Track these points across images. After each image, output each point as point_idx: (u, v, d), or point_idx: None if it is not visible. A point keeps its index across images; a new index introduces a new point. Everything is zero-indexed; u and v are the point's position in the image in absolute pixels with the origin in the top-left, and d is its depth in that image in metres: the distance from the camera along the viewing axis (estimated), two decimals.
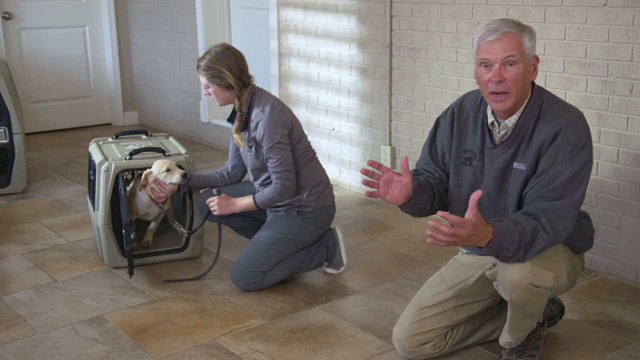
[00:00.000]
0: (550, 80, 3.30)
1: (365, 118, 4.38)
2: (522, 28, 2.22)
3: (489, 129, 2.36)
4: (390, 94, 4.17)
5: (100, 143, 3.60)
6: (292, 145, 3.09)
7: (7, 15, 5.90)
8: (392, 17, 4.05)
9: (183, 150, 3.48)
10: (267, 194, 3.08)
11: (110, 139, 3.69)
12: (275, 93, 4.89)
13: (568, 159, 2.19)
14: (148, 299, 3.06)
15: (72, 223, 4.01)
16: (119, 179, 3.22)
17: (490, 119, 2.35)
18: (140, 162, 3.32)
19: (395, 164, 4.23)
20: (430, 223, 2.04)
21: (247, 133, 3.11)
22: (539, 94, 2.31)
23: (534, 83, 2.32)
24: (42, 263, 3.45)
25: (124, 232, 3.14)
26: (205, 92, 3.12)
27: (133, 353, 2.63)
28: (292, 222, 3.12)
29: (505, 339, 2.39)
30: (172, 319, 2.89)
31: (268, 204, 3.11)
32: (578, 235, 2.38)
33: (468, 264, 2.51)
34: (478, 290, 2.48)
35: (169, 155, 3.37)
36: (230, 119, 3.19)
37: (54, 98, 6.28)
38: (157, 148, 3.41)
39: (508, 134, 2.31)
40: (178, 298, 3.08)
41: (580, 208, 2.28)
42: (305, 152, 3.16)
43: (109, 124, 6.61)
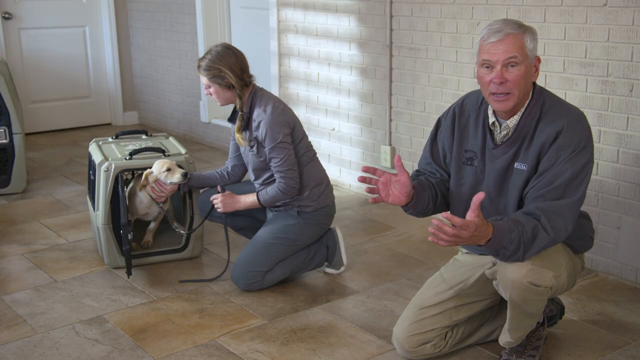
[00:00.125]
0: (550, 80, 3.30)
1: (365, 118, 4.38)
2: (524, 29, 2.22)
3: (490, 129, 2.36)
4: (390, 94, 4.17)
5: (100, 143, 3.60)
6: (293, 145, 3.09)
7: (7, 15, 5.90)
8: (392, 17, 4.05)
9: (183, 150, 3.48)
10: (271, 193, 3.08)
11: (110, 139, 3.69)
12: (275, 93, 4.89)
13: (569, 159, 2.19)
14: (148, 299, 3.06)
15: (72, 223, 4.01)
16: (118, 179, 3.22)
17: (492, 119, 2.35)
18: (140, 162, 3.32)
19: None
20: (435, 222, 2.03)
21: (248, 133, 3.11)
22: (541, 95, 2.31)
23: (536, 83, 2.32)
24: (42, 263, 3.45)
25: (122, 232, 3.14)
26: (207, 92, 3.12)
27: (133, 353, 2.63)
28: (292, 222, 3.12)
29: (505, 339, 2.39)
30: (172, 319, 2.89)
31: (271, 203, 3.11)
32: (578, 235, 2.38)
33: (468, 264, 2.51)
34: (478, 290, 2.48)
35: (169, 155, 3.37)
36: (231, 119, 3.19)
37: (54, 98, 6.28)
38: (157, 148, 3.41)
39: (509, 134, 2.31)
40: (178, 298, 3.08)
41: (581, 208, 2.28)
42: (306, 152, 3.16)
43: (109, 124, 6.61)
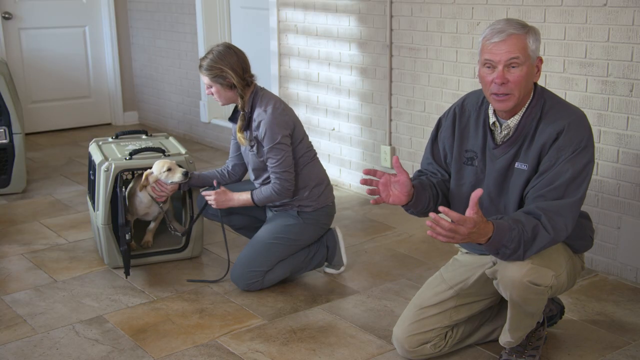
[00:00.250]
0: (550, 80, 3.30)
1: (365, 118, 4.38)
2: (527, 30, 2.22)
3: (491, 129, 2.36)
4: (390, 94, 4.17)
5: (100, 143, 3.60)
6: (293, 146, 3.09)
7: (7, 15, 5.90)
8: (392, 17, 4.05)
9: (183, 150, 3.48)
10: (265, 193, 3.08)
11: (110, 139, 3.69)
12: (275, 93, 4.89)
13: (570, 159, 2.19)
14: (148, 299, 3.06)
15: (72, 223, 4.01)
16: (116, 179, 3.22)
17: (492, 119, 2.35)
18: (140, 162, 3.32)
19: None
20: (432, 215, 2.03)
21: (249, 132, 3.11)
22: (542, 95, 2.31)
23: (537, 83, 2.32)
24: (42, 263, 3.45)
25: (119, 232, 3.14)
26: (208, 91, 3.11)
27: (133, 353, 2.63)
28: (292, 222, 3.12)
29: (505, 339, 2.39)
30: (172, 319, 2.89)
31: (265, 202, 3.11)
32: (578, 235, 2.38)
33: (468, 264, 2.52)
34: (478, 290, 2.48)
35: (169, 155, 3.37)
36: (232, 118, 3.19)
37: (54, 98, 6.28)
38: (157, 148, 3.41)
39: (510, 134, 2.31)
40: (178, 298, 3.08)
41: (581, 208, 2.28)
42: (307, 152, 3.16)
43: (109, 124, 6.61)
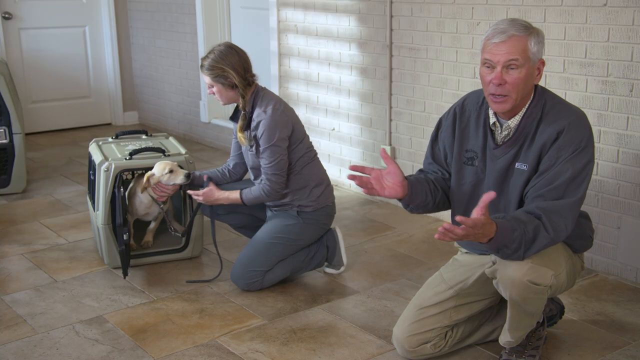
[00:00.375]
0: (550, 80, 3.30)
1: (365, 118, 4.38)
2: (529, 32, 2.21)
3: (491, 129, 2.36)
4: (390, 94, 4.17)
5: (100, 143, 3.60)
6: (293, 146, 3.09)
7: (7, 15, 5.91)
8: (392, 17, 4.05)
9: (183, 150, 3.48)
10: (254, 193, 3.09)
11: (110, 139, 3.69)
12: (276, 93, 4.89)
13: (570, 159, 2.19)
14: (148, 299, 3.06)
15: (72, 223, 4.01)
16: (115, 180, 3.22)
17: (492, 120, 2.35)
18: (140, 162, 3.32)
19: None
20: (446, 225, 2.01)
21: (249, 132, 3.11)
22: (542, 95, 2.31)
23: (537, 84, 2.32)
24: (42, 263, 3.45)
25: (117, 232, 3.14)
26: (209, 91, 3.11)
27: (133, 353, 2.63)
28: (292, 222, 3.12)
29: (505, 338, 2.40)
30: (172, 319, 2.89)
31: (254, 202, 3.12)
32: (578, 235, 2.38)
33: (468, 264, 2.52)
34: (478, 290, 2.48)
35: (169, 155, 3.37)
36: (233, 117, 3.19)
37: (54, 98, 6.28)
38: (157, 148, 3.40)
39: (510, 135, 2.31)
40: (178, 298, 3.08)
41: (581, 208, 2.28)
42: (307, 152, 3.16)
43: (109, 124, 6.61)
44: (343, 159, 4.60)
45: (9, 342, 2.71)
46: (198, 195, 3.18)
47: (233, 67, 3.01)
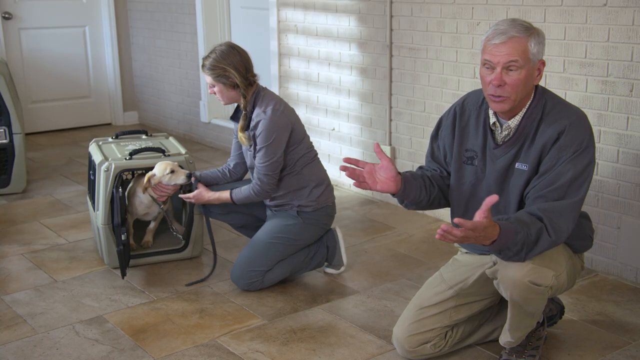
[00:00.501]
0: (550, 80, 3.30)
1: (365, 118, 4.38)
2: (529, 32, 2.21)
3: (491, 129, 2.36)
4: (390, 94, 4.17)
5: (100, 143, 3.60)
6: (293, 147, 3.09)
7: (7, 15, 5.90)
8: (392, 17, 4.05)
9: (183, 150, 3.48)
10: (244, 192, 3.10)
11: (110, 139, 3.69)
12: (276, 93, 4.89)
13: (571, 160, 2.19)
14: (148, 299, 3.06)
15: (72, 223, 4.01)
16: (114, 180, 3.22)
17: (492, 120, 2.35)
18: (140, 162, 3.32)
19: (396, 164, 4.21)
20: (444, 226, 2.02)
21: (249, 132, 3.11)
22: (542, 95, 2.31)
23: (538, 84, 2.32)
24: (42, 263, 3.45)
25: (115, 233, 3.14)
26: (210, 91, 3.11)
27: (133, 353, 2.63)
28: (292, 221, 3.12)
29: (505, 339, 2.40)
30: (172, 319, 2.89)
31: (244, 202, 3.13)
32: (578, 235, 2.38)
33: (468, 264, 2.52)
34: (478, 290, 2.48)
35: (169, 155, 3.37)
36: (234, 117, 3.19)
37: (54, 98, 6.28)
38: (157, 148, 3.40)
39: (510, 135, 2.31)
40: (178, 298, 3.08)
41: (581, 208, 2.28)
42: (307, 152, 3.16)
43: (109, 124, 6.61)
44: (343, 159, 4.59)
45: (9, 342, 2.71)
46: (189, 198, 3.20)
47: (234, 66, 3.00)
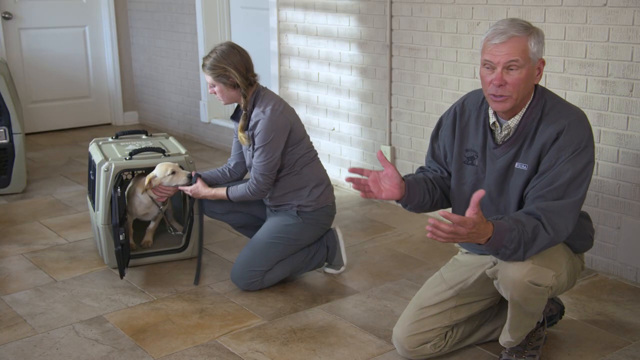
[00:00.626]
0: (550, 80, 3.30)
1: (365, 118, 4.38)
2: (529, 32, 2.21)
3: (491, 129, 2.37)
4: (390, 94, 4.17)
5: (100, 143, 3.60)
6: (292, 146, 3.09)
7: (7, 15, 5.90)
8: (392, 17, 4.05)
9: (183, 150, 3.48)
10: (240, 191, 3.11)
11: (110, 139, 3.69)
12: (276, 93, 4.88)
13: (570, 159, 2.19)
14: (148, 299, 3.06)
15: (72, 223, 4.01)
16: (114, 180, 3.22)
17: (492, 119, 2.35)
18: (140, 162, 3.32)
19: (396, 164, 4.23)
20: (431, 221, 2.04)
21: (249, 132, 3.11)
22: (542, 95, 2.31)
23: (538, 84, 2.32)
24: (42, 263, 3.45)
25: (113, 233, 3.14)
26: (210, 90, 3.11)
27: (133, 353, 2.63)
28: (292, 221, 3.12)
29: (505, 339, 2.40)
30: (172, 319, 2.89)
31: (239, 199, 3.14)
32: (578, 235, 2.38)
33: (468, 264, 2.52)
34: (478, 290, 2.48)
35: (169, 155, 3.37)
36: (234, 117, 3.19)
37: (54, 98, 6.28)
38: (157, 148, 3.40)
39: (510, 134, 2.31)
40: (178, 298, 3.08)
41: (581, 208, 2.28)
42: (307, 152, 3.16)
43: (109, 124, 6.61)
44: (343, 159, 4.60)
45: (9, 342, 2.71)
46: (186, 191, 3.21)
47: (235, 66, 3.00)
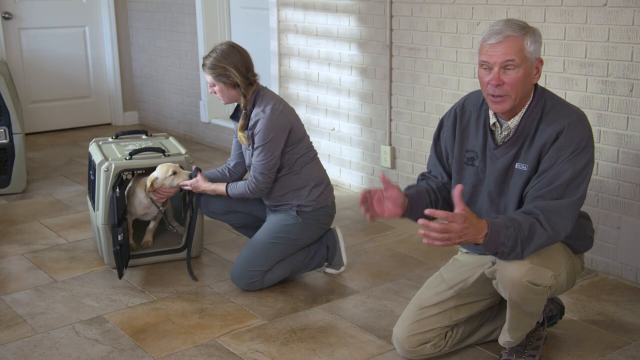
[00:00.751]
0: (550, 80, 3.30)
1: (365, 118, 4.38)
2: (525, 31, 2.21)
3: (491, 130, 2.37)
4: (390, 94, 4.17)
5: (100, 143, 3.60)
6: (292, 146, 3.09)
7: (7, 15, 5.90)
8: (392, 17, 4.05)
9: (183, 150, 3.48)
10: (239, 188, 3.11)
11: (110, 139, 3.69)
12: (276, 93, 4.89)
13: (569, 159, 2.19)
14: (148, 299, 3.06)
15: (72, 223, 4.01)
16: (114, 180, 3.22)
17: (492, 120, 2.35)
18: (140, 162, 3.32)
19: (396, 164, 4.23)
20: (420, 221, 2.05)
21: (248, 131, 3.11)
22: (542, 95, 2.31)
23: (537, 84, 2.32)
24: (42, 263, 3.45)
25: (112, 233, 3.14)
26: (211, 90, 3.11)
27: (133, 353, 2.63)
28: (291, 221, 3.12)
29: (505, 339, 2.40)
30: (172, 319, 2.89)
31: (238, 197, 3.15)
32: (578, 235, 2.38)
33: (468, 264, 2.52)
34: (478, 290, 2.48)
35: (169, 155, 3.37)
36: (234, 117, 3.19)
37: (54, 98, 6.28)
38: (157, 148, 3.41)
39: (510, 135, 2.31)
40: (178, 298, 3.08)
41: (581, 208, 2.28)
42: (307, 152, 3.16)
43: (109, 124, 6.61)
44: (343, 159, 4.60)
45: (9, 342, 2.71)
46: (186, 185, 3.21)
47: (235, 66, 3.00)
